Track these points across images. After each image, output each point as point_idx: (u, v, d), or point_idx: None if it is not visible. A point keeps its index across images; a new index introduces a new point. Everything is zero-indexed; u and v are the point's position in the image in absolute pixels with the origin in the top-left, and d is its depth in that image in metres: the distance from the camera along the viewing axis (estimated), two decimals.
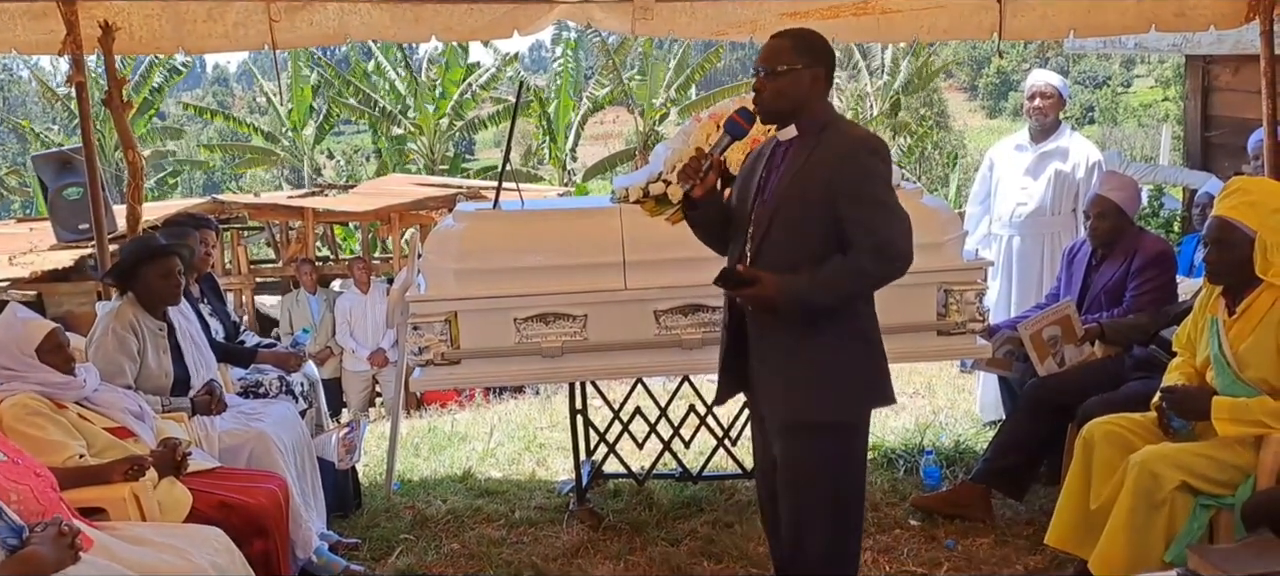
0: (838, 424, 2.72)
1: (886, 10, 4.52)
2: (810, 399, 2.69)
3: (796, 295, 2.61)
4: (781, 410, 2.75)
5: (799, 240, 2.64)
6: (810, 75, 2.66)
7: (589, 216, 4.03)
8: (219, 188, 20.12)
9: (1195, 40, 5.38)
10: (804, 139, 2.70)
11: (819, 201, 2.61)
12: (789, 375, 2.70)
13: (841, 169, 2.60)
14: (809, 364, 2.68)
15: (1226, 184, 3.22)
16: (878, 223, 2.59)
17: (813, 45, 2.70)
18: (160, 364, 3.77)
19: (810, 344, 2.67)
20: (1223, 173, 5.47)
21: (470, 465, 5.14)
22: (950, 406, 5.68)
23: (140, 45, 4.43)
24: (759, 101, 2.72)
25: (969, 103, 44.02)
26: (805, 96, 2.68)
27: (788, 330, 2.67)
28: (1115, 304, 4.12)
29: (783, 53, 2.68)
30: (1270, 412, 3.00)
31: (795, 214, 2.65)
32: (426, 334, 3.69)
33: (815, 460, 2.73)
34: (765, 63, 2.70)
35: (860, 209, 2.59)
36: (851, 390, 2.72)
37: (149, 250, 3.82)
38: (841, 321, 2.68)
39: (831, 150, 2.63)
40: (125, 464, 3.07)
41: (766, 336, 2.74)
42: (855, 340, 2.72)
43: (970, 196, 5.54)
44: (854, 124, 2.82)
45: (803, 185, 2.64)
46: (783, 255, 2.65)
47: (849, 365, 2.70)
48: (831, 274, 2.60)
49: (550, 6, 4.47)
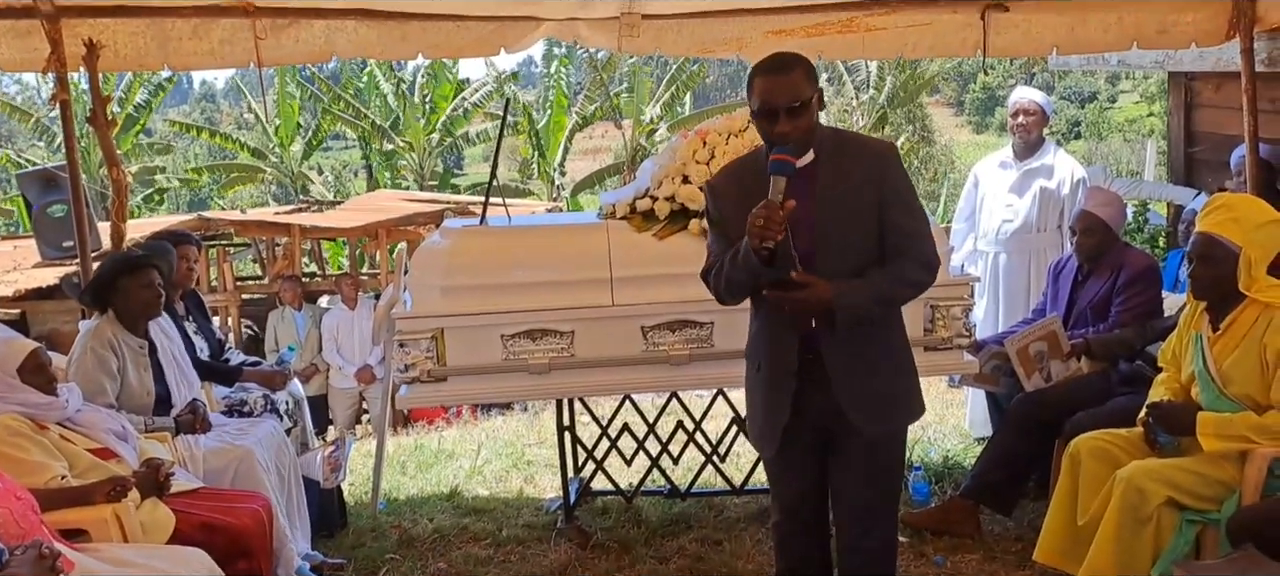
0: (907, 425, 2.89)
1: (871, 28, 4.54)
2: (897, 406, 2.80)
3: (854, 302, 2.62)
4: (874, 420, 2.73)
5: (854, 254, 2.64)
6: (818, 100, 2.67)
7: (576, 232, 4.03)
8: (206, 204, 20.04)
9: (1177, 57, 5.41)
10: (820, 159, 2.66)
11: (867, 210, 2.64)
12: (875, 385, 2.72)
13: (884, 175, 2.65)
14: (890, 370, 2.77)
15: (1210, 200, 3.24)
16: (923, 233, 2.68)
17: (809, 69, 2.66)
18: (141, 382, 3.74)
19: (886, 355, 2.76)
20: (1206, 188, 5.50)
21: (457, 483, 5.12)
22: (939, 422, 5.69)
23: (125, 62, 4.40)
24: (790, 140, 2.58)
25: (955, 118, 44.22)
26: (815, 121, 2.67)
27: (866, 342, 2.69)
28: (1101, 319, 4.14)
29: (797, 86, 2.59)
30: (1254, 428, 3.01)
31: (851, 229, 2.65)
32: (413, 351, 3.68)
33: (890, 461, 2.83)
34: (785, 100, 2.58)
35: (907, 218, 2.66)
36: (917, 391, 2.87)
37: (128, 263, 3.81)
38: (894, 330, 2.80)
39: (863, 159, 2.68)
40: (107, 485, 3.05)
41: (848, 353, 2.68)
42: (905, 347, 2.84)
43: (955, 213, 5.56)
44: (858, 133, 2.84)
45: (855, 198, 2.64)
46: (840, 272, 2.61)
47: (911, 370, 2.85)
48: (884, 284, 2.65)
49: (537, 24, 4.47)
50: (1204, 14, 4.45)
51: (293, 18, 4.33)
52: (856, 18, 4.53)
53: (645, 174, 3.97)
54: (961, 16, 4.52)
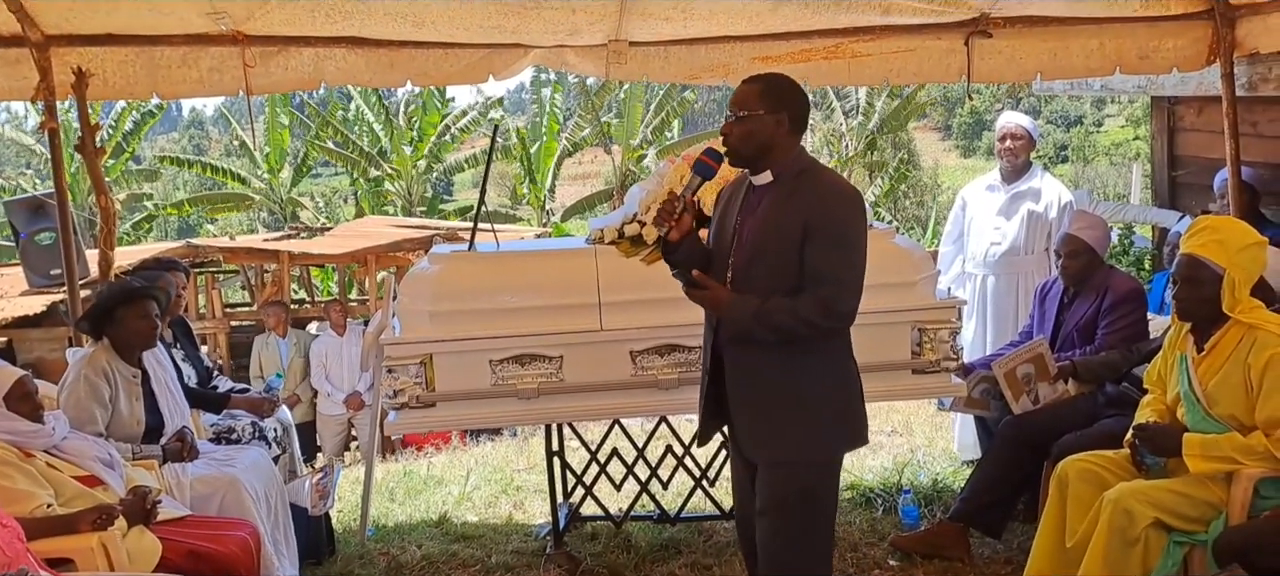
0: (816, 463, 2.77)
1: (856, 54, 4.58)
2: (788, 436, 2.74)
3: (740, 317, 2.70)
4: (760, 447, 2.81)
5: (777, 283, 2.68)
6: (774, 120, 2.70)
7: (564, 257, 4.04)
8: (194, 231, 20.02)
9: (1159, 82, 5.47)
10: (779, 183, 2.74)
11: (796, 244, 2.66)
12: (766, 411, 2.76)
13: (818, 214, 2.65)
14: (785, 400, 2.73)
15: (1193, 222, 3.27)
16: (832, 277, 2.64)
17: (779, 91, 2.74)
18: (132, 411, 3.73)
19: (786, 380, 2.72)
20: (1190, 211, 5.55)
21: (446, 509, 5.09)
22: (928, 445, 5.69)
23: (114, 91, 4.41)
24: (727, 143, 2.77)
25: (942, 143, 44.49)
26: (770, 141, 2.72)
27: (764, 366, 2.73)
28: (1087, 342, 4.16)
29: (748, 98, 2.73)
30: (1240, 448, 3.03)
31: (773, 259, 2.69)
32: (401, 377, 3.67)
33: (793, 495, 2.76)
34: (732, 107, 2.75)
35: (821, 257, 2.64)
36: (827, 429, 2.77)
37: (126, 293, 3.80)
38: (816, 357, 2.73)
39: (810, 195, 2.68)
40: (94, 513, 3.03)
41: (743, 372, 2.79)
42: (831, 378, 2.77)
43: (944, 236, 5.60)
44: (832, 172, 2.84)
45: (781, 229, 2.68)
46: (762, 291, 2.69)
47: (824, 403, 2.75)
48: (774, 312, 2.65)
49: (525, 52, 4.50)
50: (1184, 40, 4.50)
51: (281, 45, 4.35)
52: (842, 44, 4.57)
53: (633, 199, 3.98)
54: (946, 43, 4.57)
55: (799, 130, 2.77)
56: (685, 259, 2.82)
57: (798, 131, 2.77)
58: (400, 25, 4.24)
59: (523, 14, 4.14)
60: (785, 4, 4.18)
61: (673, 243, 2.79)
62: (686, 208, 2.77)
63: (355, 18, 4.16)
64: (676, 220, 2.75)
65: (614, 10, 4.16)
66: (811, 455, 2.76)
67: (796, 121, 2.75)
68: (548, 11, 4.14)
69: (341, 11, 4.10)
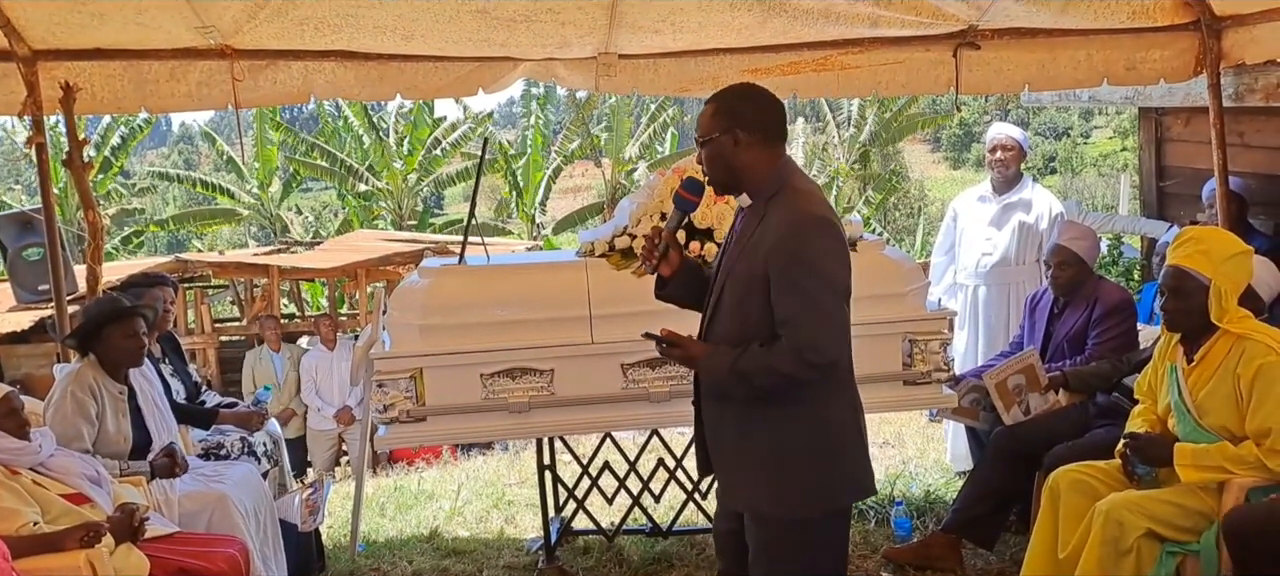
0: (792, 520, 2.52)
1: (845, 66, 4.59)
2: (766, 491, 2.53)
3: (717, 374, 2.51)
4: (738, 500, 2.63)
5: (744, 313, 2.51)
6: (731, 138, 2.51)
7: (555, 270, 4.04)
8: (184, 246, 19.95)
9: (1147, 93, 5.50)
10: (755, 206, 2.56)
11: (761, 276, 2.46)
12: (742, 464, 2.57)
13: (780, 246, 2.44)
14: (760, 454, 2.52)
15: (1179, 233, 3.28)
16: (804, 320, 2.41)
17: (734, 108, 2.55)
18: (119, 428, 3.70)
19: (763, 432, 2.52)
20: (1178, 221, 5.57)
21: (437, 524, 5.08)
22: (920, 456, 5.69)
23: (102, 105, 4.39)
24: (706, 175, 2.63)
25: (931, 154, 44.64)
26: (737, 162, 2.53)
27: (738, 417, 2.55)
28: (1078, 352, 4.17)
29: (704, 121, 2.57)
30: (1231, 458, 3.03)
31: (741, 288, 2.52)
32: (392, 391, 3.66)
33: (764, 542, 2.56)
34: (698, 132, 2.59)
35: (790, 301, 2.42)
36: (809, 483, 2.50)
37: (114, 311, 3.77)
38: (798, 405, 2.48)
39: (775, 222, 2.47)
40: (81, 530, 3.00)
41: (718, 422, 2.62)
42: (812, 429, 2.51)
43: (935, 247, 5.61)
44: (806, 194, 2.53)
45: (747, 261, 2.51)
46: (731, 326, 2.54)
47: (801, 456, 2.49)
48: (748, 366, 2.44)
49: (514, 65, 4.50)
50: (1171, 51, 4.53)
51: (270, 59, 4.35)
52: (831, 56, 4.59)
53: (623, 212, 3.98)
54: (934, 54, 4.58)
55: (767, 140, 2.54)
56: (679, 291, 2.70)
57: (766, 143, 2.54)
58: (389, 39, 4.24)
59: (512, 27, 4.15)
60: (774, 17, 4.19)
61: (666, 278, 2.67)
62: (670, 244, 2.63)
63: (344, 31, 4.15)
64: (662, 257, 2.62)
65: (603, 23, 4.16)
66: (791, 511, 2.51)
67: (759, 132, 2.53)
68: (537, 24, 4.14)
69: (330, 25, 4.09)
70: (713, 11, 4.14)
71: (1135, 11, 4.33)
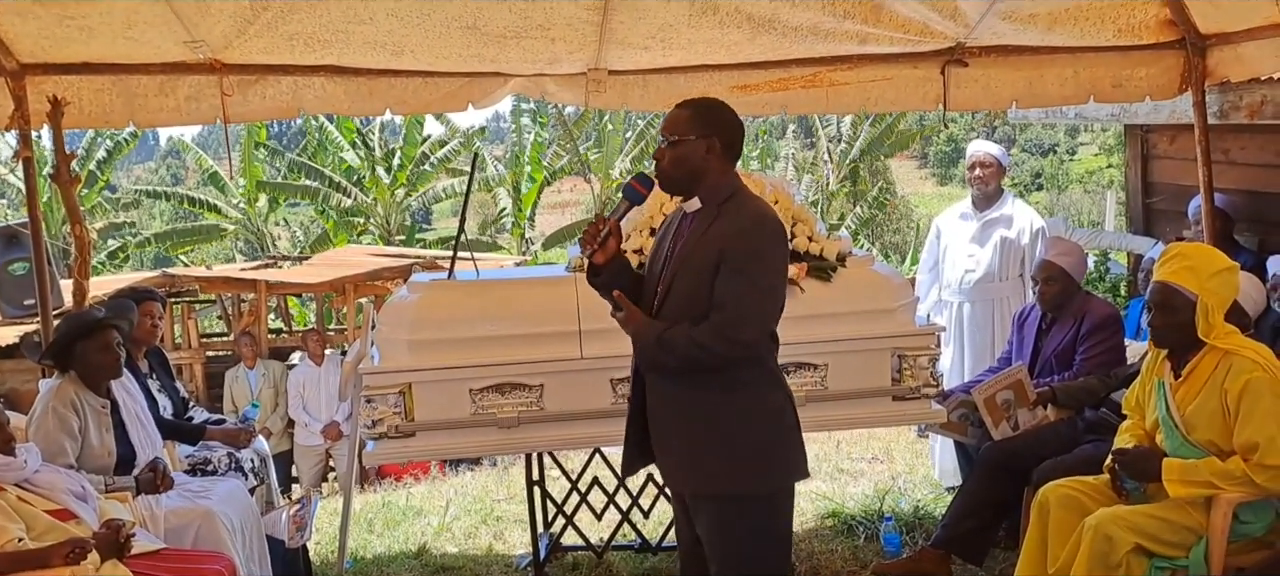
0: (742, 496, 2.69)
1: (834, 82, 4.62)
2: (708, 469, 2.70)
3: (645, 341, 2.69)
4: (682, 480, 2.79)
5: (694, 302, 2.65)
6: (705, 145, 2.68)
7: (544, 285, 4.03)
8: (171, 260, 19.83)
9: (1133, 110, 5.54)
10: (706, 209, 2.72)
11: (711, 271, 2.63)
12: (686, 443, 2.73)
13: (732, 242, 2.62)
14: (704, 433, 2.69)
15: (1166, 250, 3.30)
16: (735, 302, 2.60)
17: (711, 116, 2.72)
18: (103, 442, 3.68)
19: (705, 412, 2.68)
20: (1164, 237, 5.61)
21: (425, 540, 5.05)
22: (909, 471, 5.70)
23: (90, 119, 4.37)
24: (658, 169, 2.75)
25: (919, 171, 44.84)
26: (702, 167, 2.69)
27: (682, 397, 2.70)
28: (1065, 367, 4.19)
29: (680, 122, 2.71)
30: (1218, 473, 3.04)
31: (691, 282, 2.67)
32: (380, 406, 3.65)
33: (727, 532, 2.72)
34: (664, 132, 2.73)
35: (725, 285, 2.61)
36: (748, 462, 2.69)
37: (84, 326, 3.75)
38: (738, 391, 2.68)
39: (730, 222, 2.65)
40: (66, 547, 2.98)
41: (663, 402, 2.76)
42: (752, 411, 2.70)
43: (920, 265, 5.63)
44: (760, 201, 2.79)
45: (701, 255, 2.66)
46: (680, 314, 2.67)
47: (744, 435, 2.68)
48: (674, 339, 2.63)
49: (504, 80, 4.51)
50: (1157, 68, 4.57)
51: (259, 74, 4.34)
52: (820, 73, 4.61)
53: None
54: (922, 71, 4.61)
55: (732, 156, 2.74)
56: (611, 281, 2.80)
57: (730, 157, 2.73)
58: (379, 54, 4.24)
59: (502, 43, 4.16)
60: (763, 33, 4.21)
61: (599, 266, 2.78)
62: (612, 232, 2.75)
63: (334, 46, 4.15)
64: (601, 244, 2.73)
65: (593, 40, 4.18)
66: (735, 488, 2.69)
67: (728, 147, 2.72)
68: (527, 41, 4.15)
69: (320, 40, 4.09)
70: (702, 28, 4.16)
71: (1121, 29, 4.36)
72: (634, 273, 2.92)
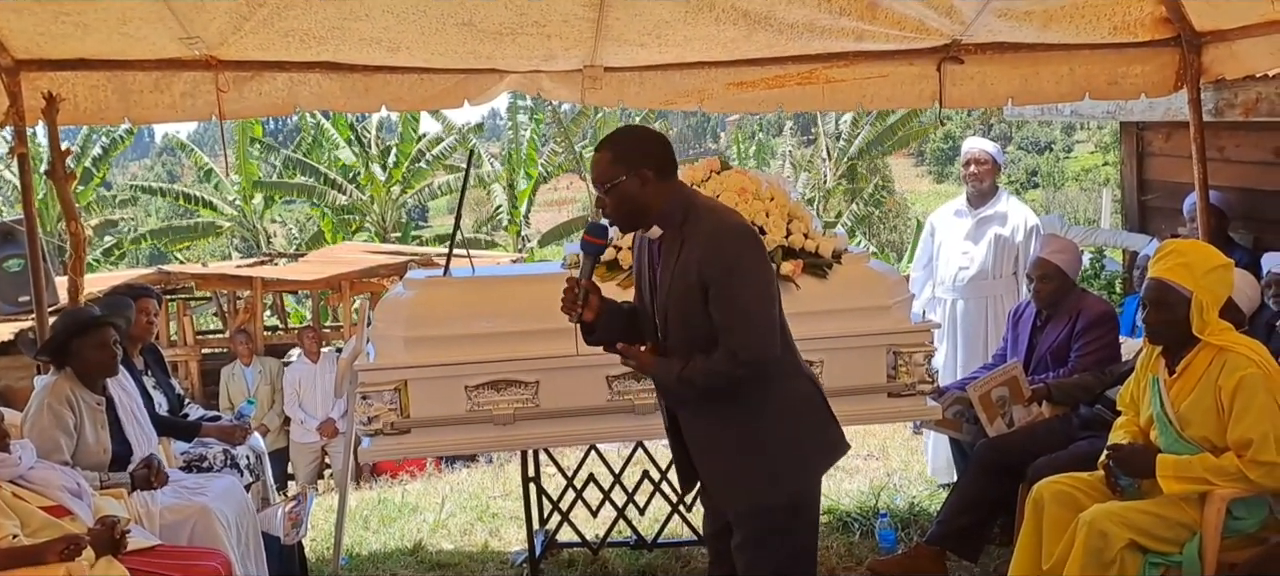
0: (775, 505, 2.78)
1: (830, 80, 4.62)
2: (750, 482, 2.77)
3: (664, 381, 2.77)
4: (726, 498, 2.85)
5: (689, 328, 2.70)
6: (638, 179, 2.67)
7: (540, 282, 4.02)
8: (166, 257, 19.80)
9: (1128, 108, 5.55)
10: (670, 233, 2.73)
11: (697, 288, 2.66)
12: (725, 462, 2.78)
13: (708, 260, 2.64)
14: (741, 448, 2.75)
15: (1160, 246, 3.31)
16: (738, 323, 2.63)
17: (631, 151, 2.70)
18: (98, 439, 3.68)
19: (739, 429, 2.75)
20: (1159, 234, 5.62)
21: (421, 537, 5.05)
22: (904, 468, 5.71)
23: (85, 116, 4.37)
24: (608, 217, 2.77)
25: (915, 168, 44.86)
26: (645, 200, 2.69)
27: (714, 419, 2.76)
28: (1061, 364, 4.20)
29: (604, 169, 2.69)
30: (1212, 470, 3.05)
31: (683, 312, 2.70)
32: (376, 403, 3.65)
33: (755, 534, 2.81)
34: (595, 184, 2.73)
35: (721, 310, 2.64)
36: (788, 467, 2.77)
37: (80, 323, 3.75)
38: (763, 401, 2.73)
39: (699, 239, 2.66)
40: (61, 543, 2.97)
41: (696, 427, 2.82)
42: (782, 415, 2.76)
43: (913, 262, 5.64)
44: (716, 210, 2.78)
45: (682, 286, 2.69)
46: (680, 342, 2.73)
47: (781, 443, 2.76)
48: (691, 372, 2.67)
49: (500, 77, 4.51)
50: (1152, 66, 4.58)
51: (255, 70, 4.33)
52: (816, 70, 4.61)
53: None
54: (918, 68, 4.62)
55: (668, 175, 2.73)
56: (607, 335, 2.83)
57: (668, 177, 2.73)
58: (375, 51, 4.24)
59: (498, 40, 4.15)
60: (759, 30, 4.21)
61: (589, 322, 2.80)
62: (589, 290, 2.76)
63: (330, 43, 4.15)
64: (584, 304, 2.75)
65: (589, 36, 4.17)
66: (777, 498, 2.77)
67: (661, 170, 2.70)
68: (523, 37, 4.15)
69: (316, 37, 4.09)
70: (698, 25, 4.16)
71: (1117, 27, 4.37)
72: (627, 309, 2.93)
